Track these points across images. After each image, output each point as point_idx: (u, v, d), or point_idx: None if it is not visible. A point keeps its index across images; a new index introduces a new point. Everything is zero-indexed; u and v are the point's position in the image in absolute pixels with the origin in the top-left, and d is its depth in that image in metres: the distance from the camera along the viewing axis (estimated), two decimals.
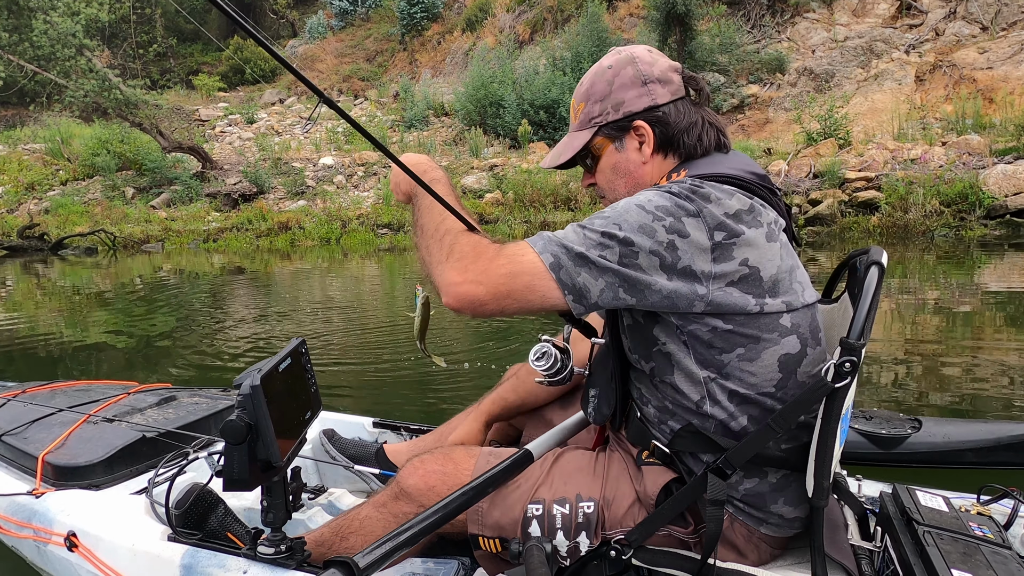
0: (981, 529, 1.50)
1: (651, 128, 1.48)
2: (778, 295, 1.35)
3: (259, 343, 5.96)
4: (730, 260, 1.30)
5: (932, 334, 5.24)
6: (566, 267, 1.26)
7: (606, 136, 1.52)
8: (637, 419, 1.57)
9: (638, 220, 1.28)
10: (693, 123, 1.50)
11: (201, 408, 2.49)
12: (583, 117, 1.55)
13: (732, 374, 1.39)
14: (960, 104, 12.65)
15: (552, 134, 16.64)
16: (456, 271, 1.29)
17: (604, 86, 1.51)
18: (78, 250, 14.63)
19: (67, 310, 8.31)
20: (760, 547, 1.52)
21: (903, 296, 6.69)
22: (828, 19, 16.82)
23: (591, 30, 17.50)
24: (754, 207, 1.35)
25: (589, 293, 1.28)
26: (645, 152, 1.50)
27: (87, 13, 17.30)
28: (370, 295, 8.73)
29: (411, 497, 1.63)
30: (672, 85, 1.50)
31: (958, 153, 11.14)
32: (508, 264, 1.28)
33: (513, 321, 6.37)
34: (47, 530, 1.89)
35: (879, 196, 10.77)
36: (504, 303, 1.28)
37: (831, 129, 12.47)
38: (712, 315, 1.34)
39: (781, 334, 1.37)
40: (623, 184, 1.54)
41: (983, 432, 2.14)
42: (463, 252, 1.30)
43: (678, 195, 1.31)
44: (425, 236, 1.40)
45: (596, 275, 1.27)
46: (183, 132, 18.14)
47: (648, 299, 1.30)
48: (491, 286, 1.27)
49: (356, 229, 14.18)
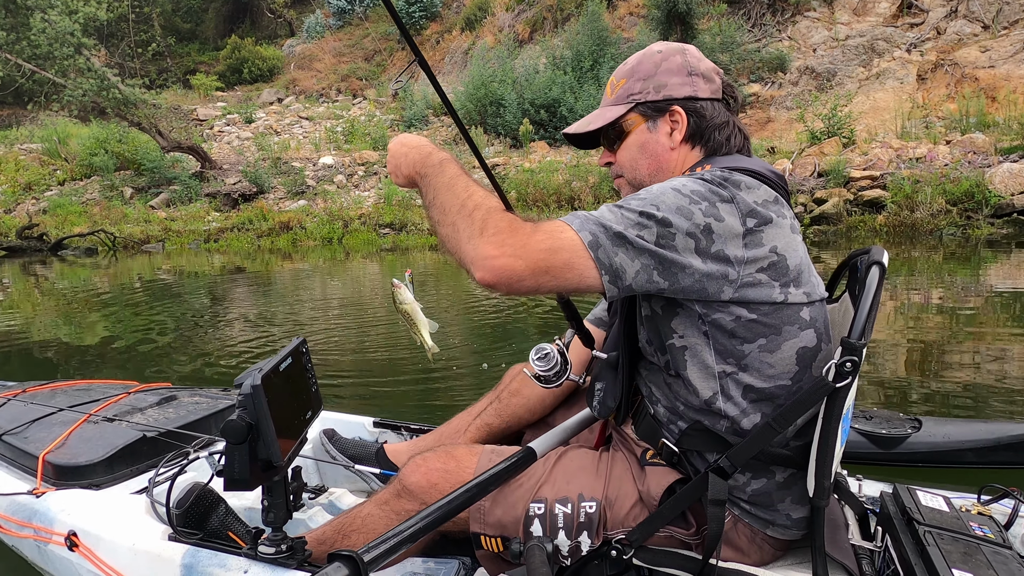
0: (982, 529, 1.51)
1: (687, 116, 1.50)
2: (800, 285, 1.37)
3: (260, 343, 5.96)
4: (760, 246, 1.31)
5: (936, 333, 5.24)
6: (604, 246, 1.24)
7: (641, 114, 1.53)
8: (649, 416, 1.57)
9: (675, 202, 1.28)
10: (725, 122, 1.53)
11: (202, 408, 2.49)
12: (621, 92, 1.55)
13: (751, 365, 1.39)
14: (964, 103, 12.65)
15: (553, 133, 16.60)
16: (492, 245, 1.24)
17: (650, 67, 1.53)
18: (78, 251, 14.59)
19: (67, 310, 8.31)
20: (763, 548, 1.52)
21: (910, 294, 6.67)
22: (829, 18, 16.83)
23: (591, 29, 17.49)
24: (779, 199, 1.38)
25: (625, 274, 1.26)
26: (675, 138, 1.52)
27: (85, 12, 17.22)
28: (371, 295, 8.73)
29: (413, 495, 1.63)
30: (713, 84, 1.53)
31: (963, 152, 11.13)
32: (548, 239, 1.24)
33: (514, 321, 6.37)
34: (48, 529, 1.89)
35: (885, 195, 10.76)
36: (541, 279, 1.24)
37: (835, 128, 12.46)
38: (738, 303, 1.34)
39: (801, 327, 1.39)
40: (646, 165, 1.55)
41: (983, 432, 2.15)
42: (499, 226, 1.25)
43: (711, 182, 1.32)
44: (449, 213, 1.34)
45: (633, 256, 1.25)
46: (182, 132, 18.06)
47: (680, 283, 1.30)
48: (530, 261, 1.23)
49: (358, 229, 14.12)
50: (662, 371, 1.52)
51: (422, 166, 1.46)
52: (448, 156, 1.46)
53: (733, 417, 1.42)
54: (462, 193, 1.34)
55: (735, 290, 1.32)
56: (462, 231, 1.29)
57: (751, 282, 1.32)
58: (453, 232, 1.32)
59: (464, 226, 1.29)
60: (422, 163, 1.46)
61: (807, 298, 1.38)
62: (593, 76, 16.90)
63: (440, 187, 1.39)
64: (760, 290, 1.33)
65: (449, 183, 1.38)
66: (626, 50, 17.22)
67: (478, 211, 1.29)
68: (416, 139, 1.55)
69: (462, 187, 1.36)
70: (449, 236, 1.33)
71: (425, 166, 1.45)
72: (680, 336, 1.43)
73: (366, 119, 20.81)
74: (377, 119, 20.66)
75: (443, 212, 1.35)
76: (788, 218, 1.38)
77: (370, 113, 21.69)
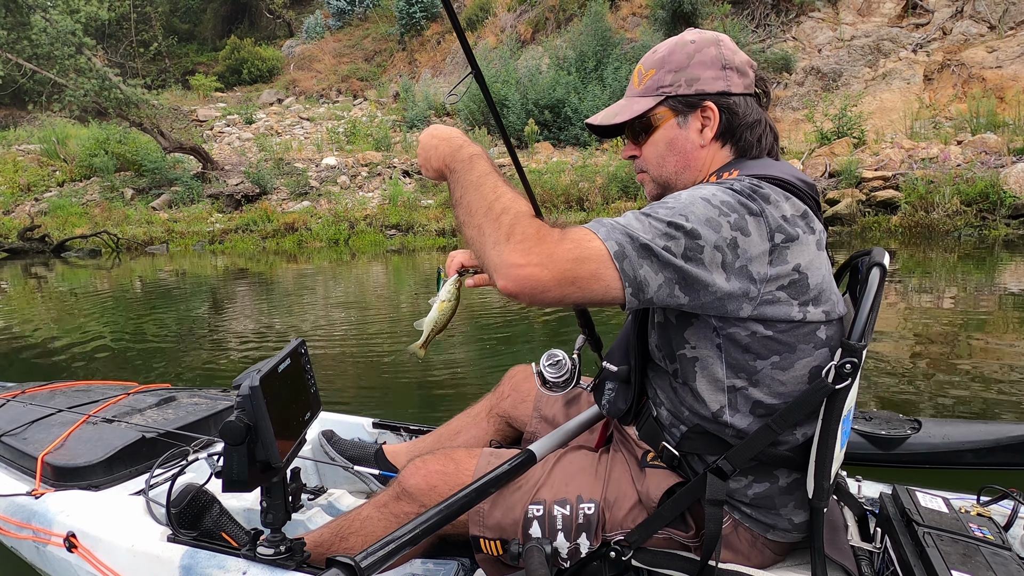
0: (981, 530, 1.50)
1: (719, 112, 1.44)
2: (820, 304, 1.33)
3: (259, 344, 5.96)
4: (785, 263, 1.27)
5: (946, 334, 5.22)
6: (630, 257, 1.19)
7: (671, 108, 1.47)
8: (652, 419, 1.57)
9: (705, 213, 1.23)
10: (758, 121, 1.47)
11: (201, 409, 2.49)
12: (651, 84, 1.48)
13: (762, 381, 1.37)
14: (974, 103, 12.62)
15: (558, 134, 16.59)
16: (518, 253, 1.18)
17: (683, 58, 1.45)
18: (81, 252, 14.50)
19: (70, 312, 8.31)
20: (764, 553, 1.52)
21: (923, 295, 6.65)
22: (833, 18, 16.82)
23: (595, 29, 17.49)
24: (807, 213, 1.33)
25: (648, 287, 1.21)
26: (706, 135, 1.46)
27: (86, 11, 17.21)
28: (373, 296, 8.73)
29: (413, 497, 1.63)
30: (747, 79, 1.47)
31: (975, 152, 11.10)
32: (575, 249, 1.18)
33: (516, 323, 6.37)
34: (46, 531, 1.89)
35: (898, 195, 10.72)
36: (567, 291, 1.19)
37: (845, 128, 12.40)
38: (756, 320, 1.31)
39: (816, 346, 1.36)
40: (673, 162, 1.49)
41: (983, 433, 2.14)
42: (525, 233, 1.19)
43: (740, 192, 1.27)
44: (475, 215, 1.28)
45: (657, 269, 1.20)
46: (183, 132, 18.02)
47: (701, 299, 1.26)
48: (556, 271, 1.17)
49: (365, 230, 14.02)
50: (669, 376, 1.51)
51: (451, 160, 1.39)
52: (479, 151, 1.39)
53: (741, 429, 1.40)
54: (490, 194, 1.28)
55: (754, 307, 1.29)
56: (488, 235, 1.24)
57: (770, 299, 1.29)
58: (478, 235, 1.26)
59: (490, 230, 1.23)
60: (451, 157, 1.40)
61: (825, 316, 1.35)
62: (597, 76, 16.90)
63: (468, 185, 1.33)
64: (779, 307, 1.30)
65: (477, 182, 1.32)
66: (630, 50, 17.23)
67: (505, 215, 1.23)
68: (448, 131, 1.48)
69: (490, 187, 1.30)
70: (474, 239, 1.28)
71: (455, 160, 1.38)
72: (692, 347, 1.41)
73: (368, 120, 20.80)
74: (379, 120, 20.65)
75: (469, 213, 1.29)
76: (816, 233, 1.33)
77: (371, 114, 21.67)
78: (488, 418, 2.16)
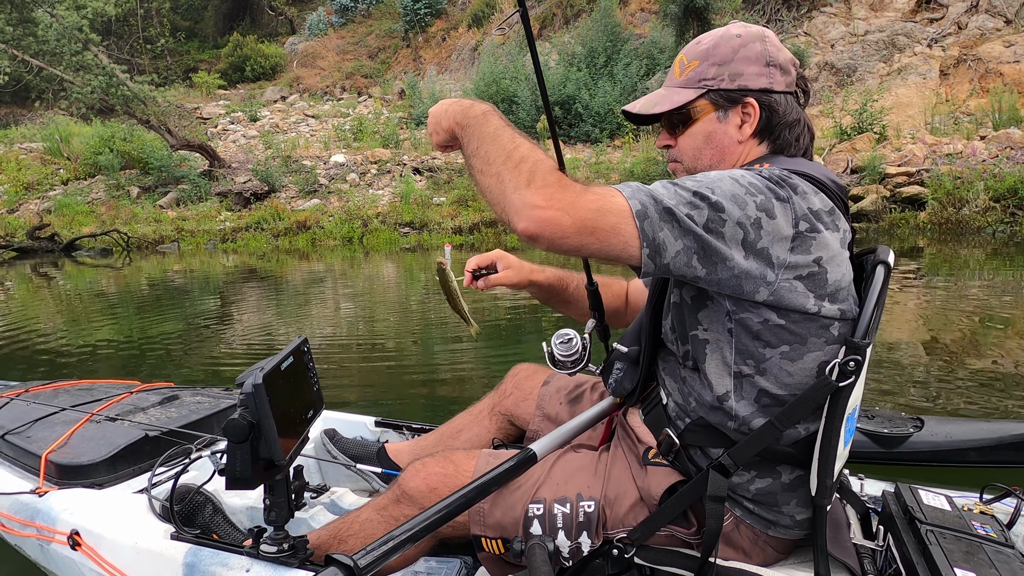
0: (984, 528, 1.50)
1: (760, 109, 1.44)
2: (836, 302, 1.33)
3: (263, 342, 5.98)
4: (806, 254, 1.27)
5: (966, 333, 5.19)
6: (651, 218, 1.19)
7: (712, 102, 1.46)
8: (660, 406, 1.57)
9: (731, 189, 1.24)
10: (797, 120, 1.47)
11: (204, 407, 2.50)
12: (692, 75, 1.48)
13: (770, 370, 1.37)
14: (995, 98, 12.48)
15: (568, 130, 16.52)
16: (540, 196, 1.18)
17: (728, 52, 1.45)
18: (93, 251, 14.43)
19: (77, 311, 8.35)
20: (766, 550, 1.51)
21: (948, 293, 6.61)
22: (846, 13, 16.67)
23: (604, 25, 17.42)
24: (835, 210, 1.33)
25: (665, 251, 1.21)
26: (745, 131, 1.46)
27: (93, 6, 17.17)
28: (381, 294, 8.74)
29: (413, 499, 1.63)
30: (789, 77, 1.47)
31: (1000, 147, 10.98)
32: (598, 200, 1.19)
33: (521, 322, 6.36)
34: (50, 529, 1.90)
35: (923, 191, 10.61)
36: (586, 240, 1.19)
37: (865, 123, 12.30)
38: (770, 307, 1.31)
39: (828, 341, 1.35)
40: (709, 156, 1.50)
41: (986, 431, 2.13)
42: (548, 180, 1.20)
43: (769, 179, 1.28)
44: (493, 163, 1.27)
45: (677, 235, 1.21)
46: (189, 130, 17.98)
47: (718, 274, 1.25)
48: (577, 218, 1.17)
49: (379, 228, 13.95)
50: (679, 364, 1.51)
51: (463, 117, 1.38)
52: (491, 108, 1.38)
53: (743, 418, 1.40)
54: (508, 144, 1.28)
55: (770, 293, 1.29)
56: (508, 181, 1.23)
57: (787, 287, 1.28)
58: (497, 182, 1.25)
59: (510, 176, 1.23)
60: (463, 114, 1.39)
61: (840, 315, 1.34)
62: (607, 72, 16.81)
63: (485, 137, 1.32)
64: (795, 297, 1.29)
65: (494, 133, 1.31)
66: (639, 46, 17.17)
67: (525, 163, 1.23)
68: (458, 100, 1.48)
69: (508, 138, 1.29)
70: (492, 186, 1.27)
71: (467, 117, 1.37)
72: (704, 329, 1.41)
73: (374, 117, 20.79)
74: (386, 117, 20.63)
75: (487, 162, 1.29)
76: (841, 231, 1.33)
77: (377, 111, 21.66)
78: (490, 416, 2.16)
